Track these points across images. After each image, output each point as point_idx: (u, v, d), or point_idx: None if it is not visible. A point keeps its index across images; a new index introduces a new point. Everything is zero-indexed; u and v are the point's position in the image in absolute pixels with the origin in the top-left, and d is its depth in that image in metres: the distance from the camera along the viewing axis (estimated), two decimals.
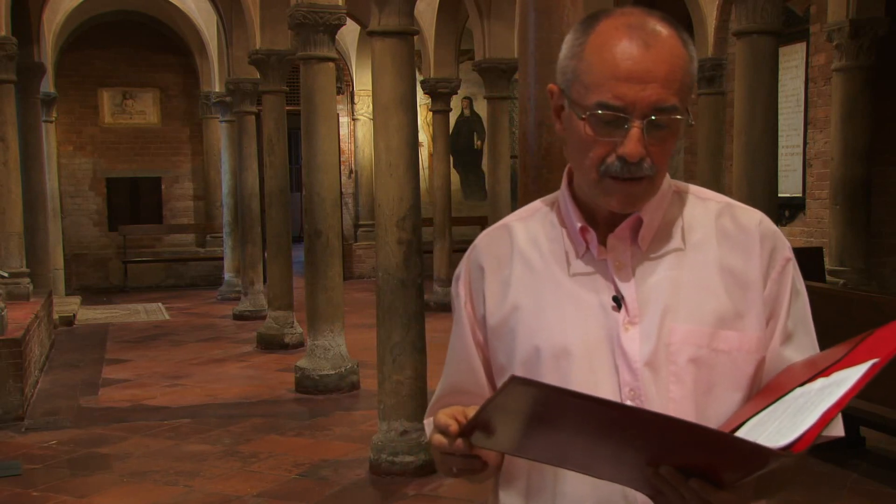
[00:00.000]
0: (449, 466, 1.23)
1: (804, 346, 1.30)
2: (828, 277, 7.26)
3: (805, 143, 8.99)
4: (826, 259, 7.50)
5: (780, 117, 5.95)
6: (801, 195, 9.03)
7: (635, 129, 1.18)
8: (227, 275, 12.63)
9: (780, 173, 6.03)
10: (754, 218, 1.31)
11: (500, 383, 1.33)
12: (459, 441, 1.15)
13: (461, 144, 14.95)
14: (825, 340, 1.28)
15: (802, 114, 9.01)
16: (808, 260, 7.16)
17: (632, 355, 1.23)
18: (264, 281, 10.27)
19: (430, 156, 13.57)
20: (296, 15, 6.76)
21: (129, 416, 6.43)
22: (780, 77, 5.88)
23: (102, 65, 14.17)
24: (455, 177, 14.34)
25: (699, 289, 1.25)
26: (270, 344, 8.87)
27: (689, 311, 1.24)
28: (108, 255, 14.18)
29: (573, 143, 1.26)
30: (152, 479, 5.01)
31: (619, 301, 1.25)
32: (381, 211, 5.11)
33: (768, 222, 1.31)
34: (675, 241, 1.29)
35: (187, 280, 14.33)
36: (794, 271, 1.30)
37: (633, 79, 1.18)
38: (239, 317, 10.70)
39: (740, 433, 1.09)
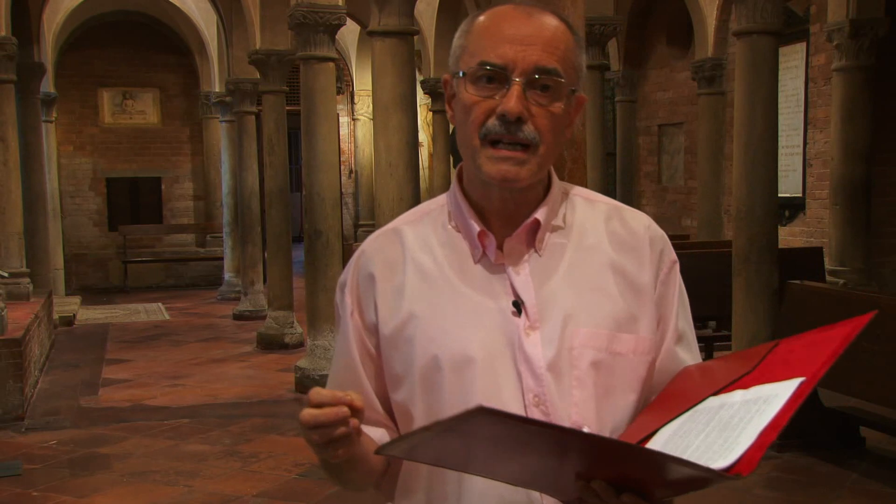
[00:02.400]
0: (325, 441, 1.11)
1: (693, 348, 1.33)
2: (828, 277, 7.26)
3: (805, 143, 8.98)
4: (826, 259, 7.50)
5: (780, 117, 5.95)
6: (801, 195, 9.03)
7: (515, 86, 1.20)
8: (227, 275, 12.63)
9: (780, 173, 6.02)
10: (643, 222, 1.32)
11: (394, 393, 1.29)
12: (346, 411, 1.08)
13: None
14: None
15: (802, 114, 9.00)
16: (808, 260, 7.16)
17: (535, 360, 1.21)
18: (264, 281, 10.27)
19: (430, 156, 13.57)
20: (296, 15, 6.76)
21: (129, 416, 6.43)
22: (780, 77, 5.87)
23: (102, 65, 14.17)
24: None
25: (596, 292, 1.26)
26: (270, 344, 8.87)
27: (588, 314, 1.24)
28: (108, 255, 14.18)
29: (459, 116, 1.26)
30: (152, 479, 5.01)
31: (518, 306, 1.23)
32: (381, 211, 5.11)
33: (655, 226, 1.33)
34: (570, 244, 1.28)
35: (187, 280, 14.32)
36: (678, 274, 1.33)
37: (515, 41, 1.21)
38: (239, 317, 10.70)
39: (654, 444, 1.08)
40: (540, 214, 1.26)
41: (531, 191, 1.27)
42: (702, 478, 0.97)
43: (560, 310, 1.23)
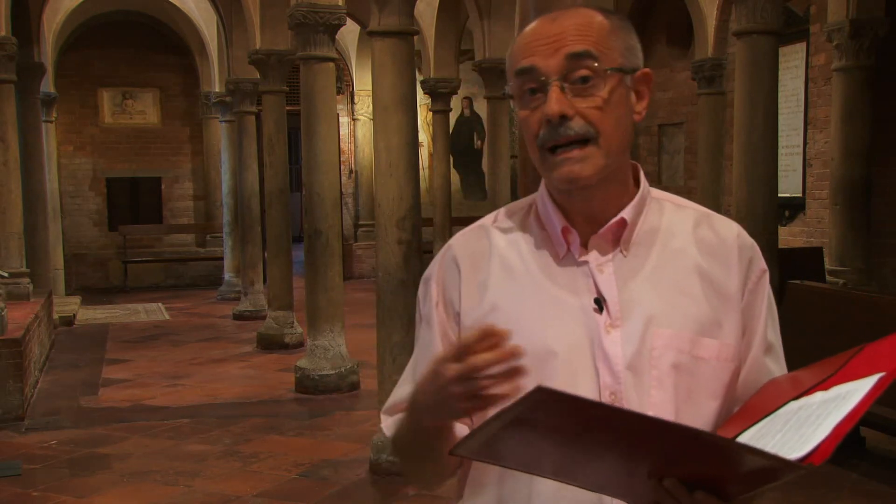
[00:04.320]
0: (456, 401, 1.08)
1: (780, 360, 1.31)
2: (828, 277, 7.26)
3: (805, 143, 8.99)
4: (826, 259, 7.50)
5: (780, 117, 5.95)
6: (801, 195, 9.04)
7: (553, 87, 1.20)
8: (227, 275, 12.63)
9: (780, 173, 6.02)
10: (732, 230, 1.32)
11: None
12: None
13: (461, 144, 14.94)
14: (826, 341, 1.28)
15: (802, 114, 9.01)
16: (808, 260, 7.17)
17: (613, 358, 1.21)
18: (264, 281, 10.27)
19: (430, 156, 13.56)
20: (296, 15, 6.76)
21: (129, 416, 6.43)
22: (780, 77, 5.88)
23: (102, 65, 14.17)
24: (455, 177, 14.33)
25: (680, 294, 1.25)
26: (270, 344, 8.87)
27: (671, 315, 1.23)
28: (108, 255, 14.18)
29: (522, 132, 1.28)
30: (152, 479, 5.01)
31: (600, 303, 1.24)
32: (381, 211, 5.11)
33: (745, 234, 1.33)
34: (657, 246, 1.28)
35: (187, 280, 14.32)
36: (768, 284, 1.32)
37: (543, 42, 1.22)
38: (239, 317, 10.70)
39: None
40: (626, 214, 1.27)
41: (611, 188, 1.27)
42: (773, 469, 0.97)
43: (642, 310, 1.23)
